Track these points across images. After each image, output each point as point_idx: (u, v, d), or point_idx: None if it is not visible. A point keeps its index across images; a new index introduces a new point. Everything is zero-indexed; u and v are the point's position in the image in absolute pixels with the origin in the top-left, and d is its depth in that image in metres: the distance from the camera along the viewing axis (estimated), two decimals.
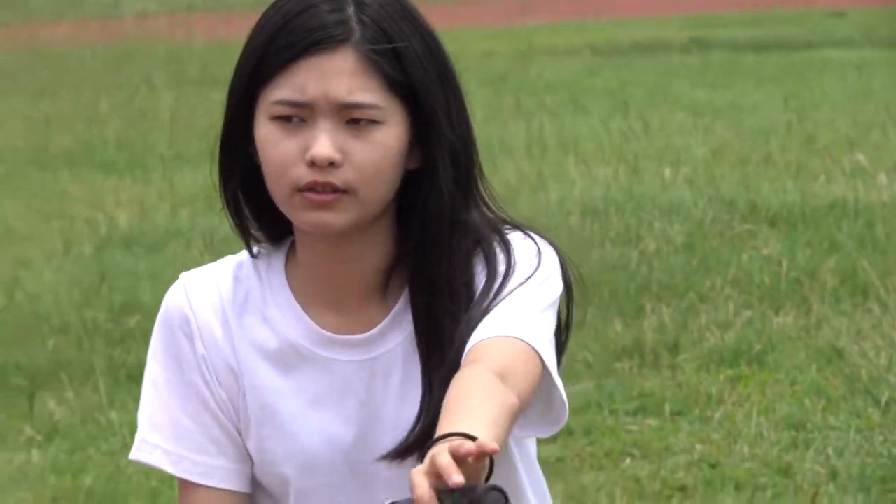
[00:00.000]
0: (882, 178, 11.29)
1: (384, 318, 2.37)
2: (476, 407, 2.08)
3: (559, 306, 2.40)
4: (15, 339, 8.27)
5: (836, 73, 16.70)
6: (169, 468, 2.43)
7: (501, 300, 2.32)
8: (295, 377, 2.41)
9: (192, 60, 17.44)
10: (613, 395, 7.67)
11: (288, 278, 2.43)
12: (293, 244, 2.44)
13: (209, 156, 2.44)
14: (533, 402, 2.25)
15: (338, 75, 2.26)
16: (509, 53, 18.88)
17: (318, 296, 2.40)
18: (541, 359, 2.25)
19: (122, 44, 18.76)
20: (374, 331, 2.37)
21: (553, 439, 6.73)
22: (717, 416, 7.33)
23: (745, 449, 6.89)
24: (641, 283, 9.00)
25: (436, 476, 1.90)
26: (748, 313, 8.42)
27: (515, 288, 2.33)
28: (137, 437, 2.45)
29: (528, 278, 2.35)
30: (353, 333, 2.38)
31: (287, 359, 2.40)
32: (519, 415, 2.17)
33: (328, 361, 2.38)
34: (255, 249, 2.45)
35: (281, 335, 2.39)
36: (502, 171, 12.03)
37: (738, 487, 6.57)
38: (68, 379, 7.37)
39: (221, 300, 2.44)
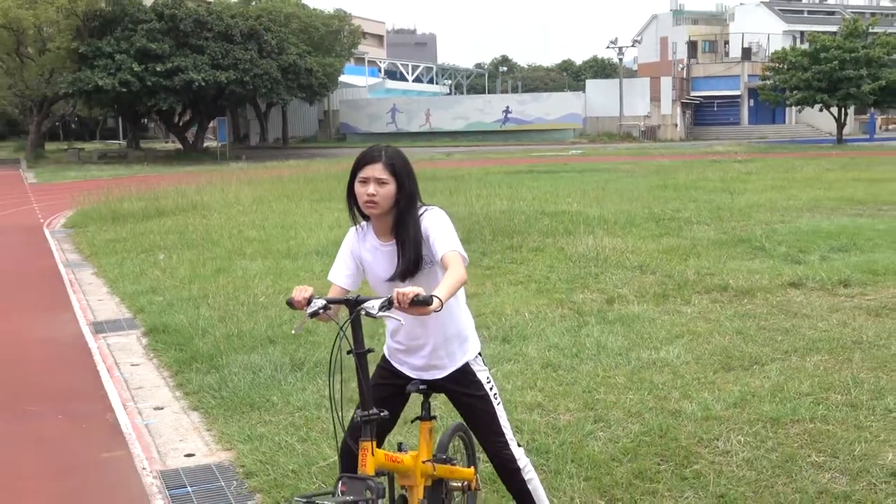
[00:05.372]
0: (594, 208, 11.50)
1: (392, 240, 2.38)
2: (444, 283, 2.15)
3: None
4: None
5: (574, 178, 15.45)
6: (330, 277, 2.43)
7: (437, 236, 2.30)
8: (374, 255, 2.42)
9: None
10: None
11: (373, 228, 2.40)
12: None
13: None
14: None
15: (376, 169, 2.28)
16: (481, 171, 18.15)
17: (377, 232, 2.41)
18: (462, 259, 2.29)
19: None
20: (389, 243, 2.38)
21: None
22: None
23: (561, 268, 7.37)
24: (519, 229, 9.39)
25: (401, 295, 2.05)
26: (549, 240, 8.75)
27: (443, 231, 2.30)
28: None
29: (445, 225, 2.31)
30: (384, 243, 2.40)
31: (372, 250, 2.41)
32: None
33: (380, 250, 2.41)
34: (362, 223, 2.45)
35: (371, 243, 2.41)
36: (476, 201, 12.24)
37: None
38: None
39: (358, 234, 2.44)
